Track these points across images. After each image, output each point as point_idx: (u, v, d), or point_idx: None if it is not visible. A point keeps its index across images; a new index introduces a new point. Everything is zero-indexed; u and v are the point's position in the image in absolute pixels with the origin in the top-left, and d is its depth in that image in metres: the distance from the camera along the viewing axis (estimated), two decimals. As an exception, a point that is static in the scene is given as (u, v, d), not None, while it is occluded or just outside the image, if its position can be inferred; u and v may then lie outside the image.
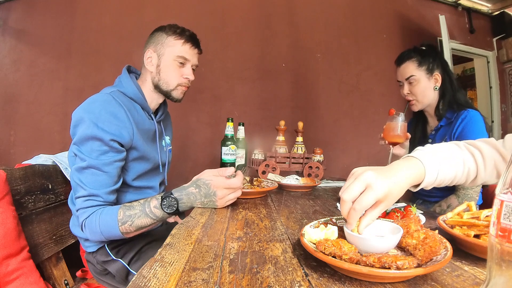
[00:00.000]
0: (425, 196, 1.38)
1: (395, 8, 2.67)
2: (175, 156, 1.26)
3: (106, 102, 0.94)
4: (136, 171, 1.04)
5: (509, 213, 0.33)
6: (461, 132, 1.20)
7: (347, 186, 0.55)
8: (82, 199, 0.90)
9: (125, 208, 0.89)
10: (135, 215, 0.88)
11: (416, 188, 0.66)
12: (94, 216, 0.89)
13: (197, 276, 0.46)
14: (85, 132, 0.89)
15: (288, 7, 2.47)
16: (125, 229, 0.89)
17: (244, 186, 1.11)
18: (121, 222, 0.88)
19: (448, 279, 0.46)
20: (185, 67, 1.11)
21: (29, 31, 2.10)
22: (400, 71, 1.32)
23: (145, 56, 1.09)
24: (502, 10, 2.87)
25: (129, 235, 0.92)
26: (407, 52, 1.31)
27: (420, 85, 1.28)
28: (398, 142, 1.21)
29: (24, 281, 0.92)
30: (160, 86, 1.10)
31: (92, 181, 0.90)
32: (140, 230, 0.91)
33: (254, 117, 2.33)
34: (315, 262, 0.52)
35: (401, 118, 1.16)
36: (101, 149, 0.90)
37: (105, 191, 0.91)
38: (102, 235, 0.89)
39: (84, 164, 0.89)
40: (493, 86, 2.91)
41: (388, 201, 0.55)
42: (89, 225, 0.89)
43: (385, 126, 1.20)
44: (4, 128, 2.08)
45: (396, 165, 0.62)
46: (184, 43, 1.09)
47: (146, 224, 0.90)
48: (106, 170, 0.91)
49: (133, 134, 0.98)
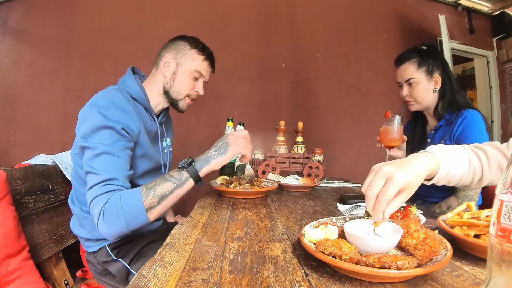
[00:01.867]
0: (425, 197, 1.38)
1: (395, 8, 2.67)
2: (175, 156, 1.27)
3: (114, 96, 0.94)
4: (140, 169, 1.04)
5: (509, 213, 0.33)
6: (462, 133, 1.19)
7: (368, 182, 0.58)
8: (98, 186, 0.84)
9: (145, 185, 0.87)
10: (156, 184, 0.86)
11: (429, 181, 0.69)
12: (114, 200, 0.82)
13: (197, 276, 0.46)
14: (95, 123, 0.87)
15: (288, 7, 2.47)
16: (149, 203, 0.83)
17: (244, 186, 1.12)
18: (144, 196, 0.83)
19: (448, 279, 0.46)
20: (198, 82, 1.14)
21: (29, 31, 2.10)
22: (400, 72, 1.30)
23: (163, 60, 1.10)
24: (502, 10, 2.86)
25: (153, 214, 0.85)
26: (407, 53, 1.29)
27: (419, 87, 1.26)
28: (394, 145, 1.19)
29: (24, 281, 0.91)
30: (171, 93, 1.11)
31: (108, 165, 0.86)
32: (163, 201, 0.85)
33: (254, 117, 2.33)
34: (315, 262, 0.52)
35: (397, 120, 1.15)
36: (113, 136, 0.88)
37: (122, 174, 0.87)
38: (123, 220, 0.82)
39: (98, 151, 0.86)
40: (493, 86, 2.91)
41: (409, 190, 0.58)
42: (109, 211, 0.81)
43: (382, 129, 1.18)
44: (4, 128, 2.08)
45: (413, 157, 0.65)
46: (204, 60, 1.12)
47: (168, 189, 0.86)
48: (120, 156, 0.88)
49: (140, 129, 0.98)
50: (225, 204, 0.98)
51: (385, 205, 0.55)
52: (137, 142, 0.99)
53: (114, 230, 0.84)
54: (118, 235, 0.86)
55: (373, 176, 0.58)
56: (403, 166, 0.59)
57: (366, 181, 0.60)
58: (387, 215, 0.56)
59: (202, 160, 0.92)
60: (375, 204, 0.56)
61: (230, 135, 0.96)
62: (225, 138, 0.96)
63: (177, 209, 1.48)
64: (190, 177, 0.89)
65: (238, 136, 0.96)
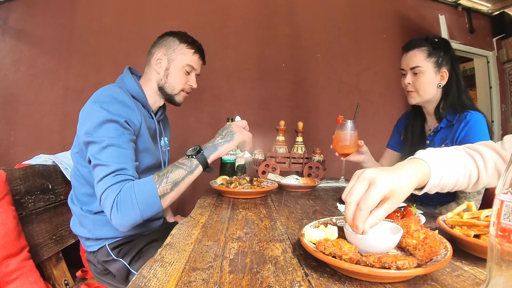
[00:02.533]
0: (424, 200, 1.35)
1: (395, 8, 2.67)
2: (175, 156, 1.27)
3: (115, 92, 0.96)
4: (143, 164, 1.04)
5: (509, 213, 0.33)
6: (465, 137, 1.12)
7: (350, 187, 0.53)
8: (109, 177, 0.84)
9: (157, 173, 0.89)
10: (168, 171, 0.89)
11: (420, 191, 0.64)
12: (127, 189, 0.83)
13: (197, 276, 0.46)
14: (99, 118, 0.89)
15: (288, 7, 2.47)
16: (163, 190, 0.86)
17: (244, 186, 1.12)
18: (158, 183, 0.86)
19: (448, 279, 0.46)
20: (191, 75, 1.16)
21: (29, 31, 2.10)
22: (407, 58, 1.22)
23: (154, 57, 1.11)
24: (502, 10, 2.86)
25: (166, 202, 0.87)
26: (418, 40, 1.20)
27: (424, 78, 1.18)
28: (349, 153, 1.15)
29: (24, 281, 0.91)
30: (165, 89, 1.13)
31: (116, 156, 0.87)
32: (176, 188, 0.88)
33: (254, 117, 2.33)
34: (315, 262, 0.52)
35: (350, 126, 1.11)
36: (118, 130, 0.90)
37: (131, 165, 0.89)
38: (138, 208, 0.83)
39: (104, 144, 0.86)
40: (493, 86, 2.91)
41: (394, 198, 0.52)
42: (123, 200, 0.82)
43: (334, 136, 1.15)
44: (4, 128, 2.08)
45: (401, 164, 0.60)
46: (194, 53, 1.14)
47: (180, 176, 0.89)
48: (127, 147, 0.91)
49: (141, 122, 1.00)
50: (225, 204, 0.98)
51: (366, 213, 0.50)
52: (139, 134, 1.01)
53: (128, 220, 0.84)
54: (131, 225, 0.86)
55: (355, 181, 0.53)
56: (388, 171, 0.54)
57: (347, 186, 0.54)
58: (368, 228, 0.50)
59: (210, 147, 0.97)
60: (356, 213, 0.50)
61: (233, 124, 1.03)
62: (228, 127, 1.02)
63: (177, 209, 1.48)
64: (200, 164, 0.93)
65: (239, 125, 1.03)
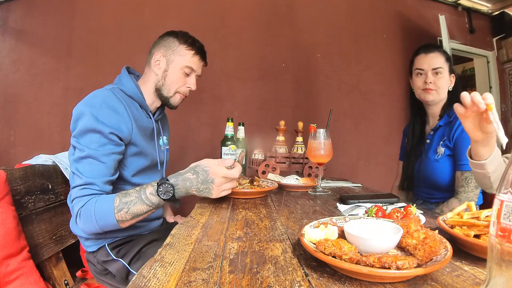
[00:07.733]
0: (425, 198, 1.38)
1: (395, 8, 2.67)
2: (175, 156, 1.27)
3: (106, 97, 0.96)
4: (135, 167, 1.05)
5: (509, 213, 0.33)
6: (460, 134, 1.19)
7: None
8: (78, 188, 0.89)
9: (121, 196, 0.87)
10: (131, 202, 0.86)
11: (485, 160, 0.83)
12: (90, 204, 0.86)
13: (197, 276, 0.46)
14: (85, 125, 0.90)
15: (288, 7, 2.47)
16: (120, 216, 0.86)
17: (244, 186, 1.12)
18: (117, 209, 0.85)
19: (448, 279, 0.46)
20: (190, 77, 1.14)
21: (29, 31, 2.10)
22: (428, 59, 1.29)
23: (153, 58, 1.10)
24: (502, 10, 2.86)
25: (124, 224, 0.89)
26: (434, 44, 1.31)
27: (443, 78, 1.28)
28: (323, 162, 1.17)
29: (24, 281, 0.91)
30: (162, 90, 1.11)
31: (89, 169, 0.89)
32: (136, 218, 0.88)
33: (254, 117, 2.33)
34: (315, 262, 0.52)
35: (322, 135, 1.12)
36: (100, 141, 0.91)
37: (101, 180, 0.90)
38: (97, 224, 0.86)
39: (83, 154, 0.89)
40: (493, 86, 2.91)
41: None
42: (84, 214, 0.86)
43: (308, 145, 1.16)
44: (4, 128, 2.08)
45: None
46: (194, 55, 1.11)
47: (142, 211, 0.87)
48: (104, 161, 0.91)
49: (132, 129, 0.99)
50: (225, 204, 0.98)
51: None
52: (130, 142, 1.00)
53: (89, 230, 0.90)
54: (92, 234, 0.96)
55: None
56: None
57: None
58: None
59: (182, 191, 0.88)
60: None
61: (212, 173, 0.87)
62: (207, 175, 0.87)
63: (177, 209, 1.48)
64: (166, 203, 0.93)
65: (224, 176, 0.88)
